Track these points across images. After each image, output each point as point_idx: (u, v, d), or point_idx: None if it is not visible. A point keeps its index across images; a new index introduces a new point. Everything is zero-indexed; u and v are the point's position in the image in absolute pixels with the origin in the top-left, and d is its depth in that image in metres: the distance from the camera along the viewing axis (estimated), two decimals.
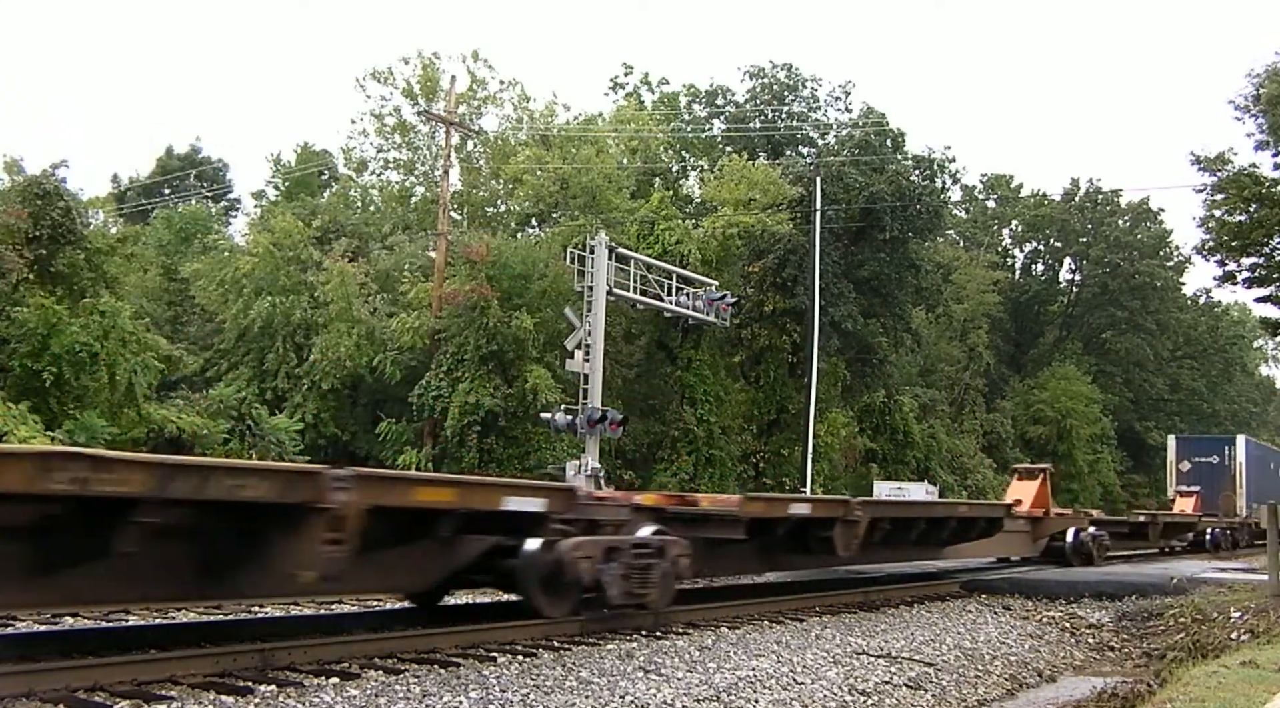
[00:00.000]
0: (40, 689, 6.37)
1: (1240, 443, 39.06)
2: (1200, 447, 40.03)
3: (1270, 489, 37.68)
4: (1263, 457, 42.37)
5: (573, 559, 9.39)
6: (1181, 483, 34.18)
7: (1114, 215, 59.76)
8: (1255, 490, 36.65)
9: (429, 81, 40.38)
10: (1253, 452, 39.75)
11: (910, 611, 14.08)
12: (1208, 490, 33.22)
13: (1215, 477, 36.62)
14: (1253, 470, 38.49)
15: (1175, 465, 38.71)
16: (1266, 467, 42.16)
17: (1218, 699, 7.79)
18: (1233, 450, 38.09)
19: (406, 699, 6.92)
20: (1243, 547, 30.32)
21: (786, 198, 35.06)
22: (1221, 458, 38.11)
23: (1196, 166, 27.87)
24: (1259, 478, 39.09)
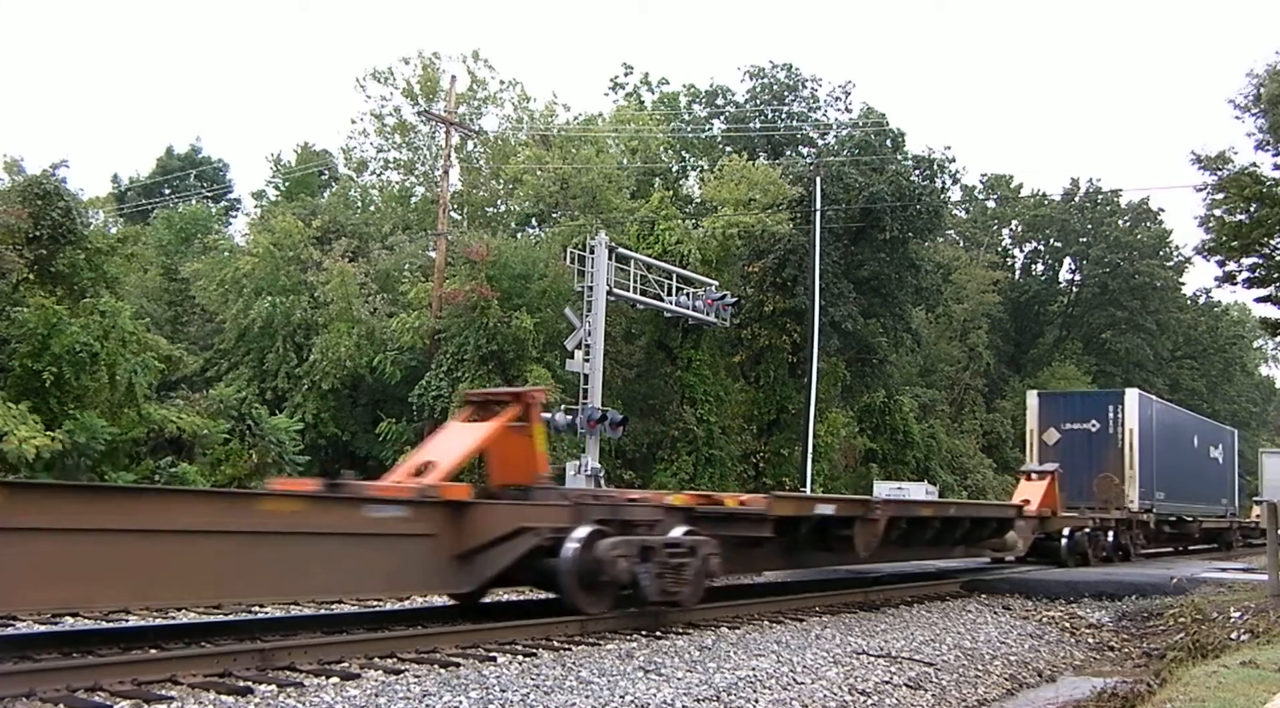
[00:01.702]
0: (40, 689, 6.37)
1: (1132, 402, 25.79)
2: (1073, 407, 26.88)
3: (1183, 470, 28.64)
4: (1172, 423, 28.96)
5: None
6: (1046, 460, 23.59)
7: (1114, 215, 59.76)
8: (1159, 471, 26.08)
9: (429, 81, 40.39)
10: (1154, 414, 26.98)
11: (910, 610, 14.09)
12: (1079, 471, 23.85)
13: (1095, 451, 25.35)
14: (1154, 442, 26.17)
15: (1037, 436, 26.21)
16: (1178, 437, 29.02)
17: (1217, 699, 7.79)
18: (1121, 412, 25.48)
19: (406, 699, 6.92)
20: (1136, 557, 23.69)
21: (786, 198, 35.05)
22: (1104, 424, 25.63)
23: (1197, 166, 27.85)
24: (1165, 453, 26.93)
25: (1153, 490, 25.76)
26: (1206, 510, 30.95)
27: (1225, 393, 68.68)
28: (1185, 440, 29.76)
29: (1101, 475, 24.58)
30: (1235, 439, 37.72)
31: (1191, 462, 30.09)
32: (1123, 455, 25.20)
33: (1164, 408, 29.40)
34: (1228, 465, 34.91)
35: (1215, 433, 34.86)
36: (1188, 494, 28.74)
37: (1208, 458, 32.26)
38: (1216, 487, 33.17)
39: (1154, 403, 27.76)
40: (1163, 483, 26.31)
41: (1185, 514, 28.69)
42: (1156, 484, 25.92)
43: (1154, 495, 25.70)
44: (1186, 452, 29.67)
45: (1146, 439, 25.67)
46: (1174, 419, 29.83)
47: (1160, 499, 26.01)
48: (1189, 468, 29.53)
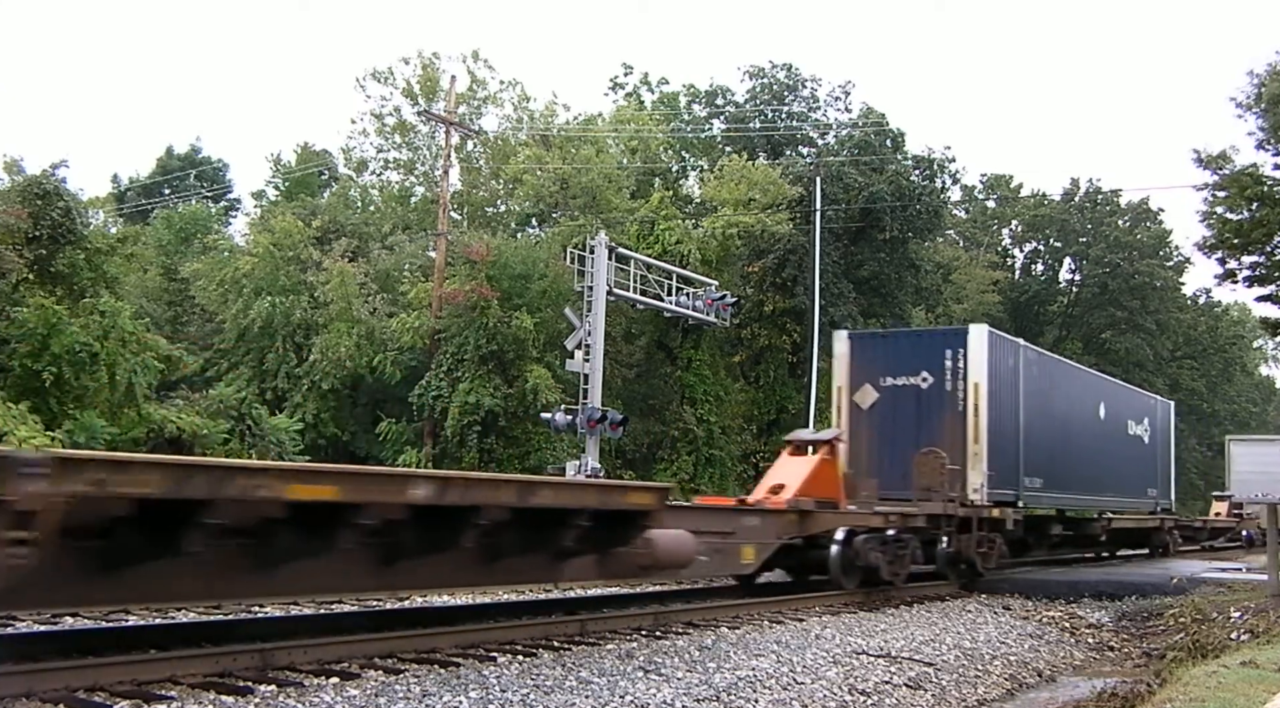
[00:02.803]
0: (40, 689, 6.36)
1: (979, 345, 17.64)
2: (897, 353, 18.73)
3: (1078, 449, 20.95)
4: (1055, 382, 20.67)
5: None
6: (858, 430, 17.87)
7: (1114, 215, 59.74)
8: (1029, 448, 18.66)
9: (429, 81, 40.39)
10: (1019, 366, 18.84)
11: (910, 610, 14.09)
12: (905, 445, 17.21)
13: (927, 417, 17.71)
14: (1018, 404, 18.57)
15: (847, 395, 18.45)
16: (1067, 402, 21.06)
17: (1217, 699, 7.79)
18: (962, 361, 17.59)
19: (406, 699, 6.92)
20: (989, 571, 17.23)
21: (786, 198, 35.06)
22: (938, 377, 17.81)
23: (1198, 164, 27.82)
24: (1041, 423, 19.31)
25: (1017, 475, 18.10)
26: (1121, 505, 23.89)
27: (1225, 393, 68.65)
28: (1081, 408, 21.57)
29: (923, 452, 16.46)
30: (1170, 414, 29.40)
31: (1093, 439, 21.84)
32: (964, 423, 16.93)
33: (1039, 359, 20.24)
34: (1158, 447, 26.89)
35: (1136, 403, 26.28)
36: (1086, 482, 21.04)
37: (1124, 435, 24.15)
38: (1138, 474, 25.19)
39: (1020, 350, 18.94)
40: (1037, 465, 18.76)
41: (1081, 510, 22.18)
42: (1026, 467, 18.36)
43: (1020, 482, 18.17)
44: (1083, 424, 21.44)
45: (1004, 399, 17.83)
46: (1058, 376, 20.88)
47: (1033, 488, 18.73)
48: (1088, 447, 21.38)
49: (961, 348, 17.54)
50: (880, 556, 14.22)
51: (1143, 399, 27.68)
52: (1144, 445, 25.86)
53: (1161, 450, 27.52)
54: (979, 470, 17.05)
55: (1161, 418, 27.98)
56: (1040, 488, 19.21)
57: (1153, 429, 26.62)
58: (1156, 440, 26.89)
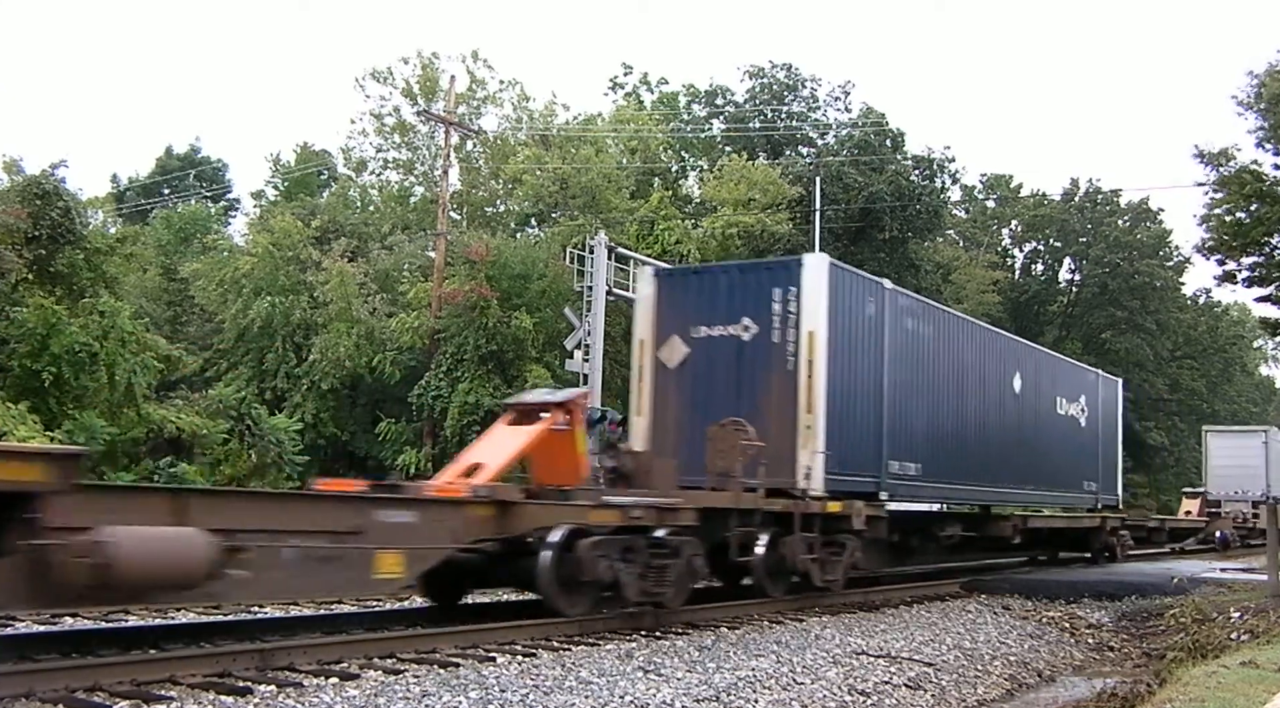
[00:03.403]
0: (40, 689, 6.37)
1: (816, 281, 13.64)
2: (713, 295, 14.60)
3: (976, 428, 17.42)
4: (939, 336, 16.60)
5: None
6: (665, 393, 14.48)
7: (1114, 215, 59.73)
8: (893, 420, 15.02)
9: (428, 81, 40.38)
10: (881, 312, 14.96)
11: (910, 611, 14.09)
12: (713, 410, 13.23)
13: (749, 377, 13.94)
14: (880, 362, 14.91)
15: (650, 351, 14.71)
16: (958, 366, 17.09)
17: (1217, 699, 7.79)
18: (794, 303, 13.63)
19: (406, 699, 6.92)
20: (836, 585, 13.44)
21: (786, 198, 35.06)
22: (764, 326, 13.86)
23: (1200, 161, 27.80)
24: (918, 387, 15.78)
25: (877, 459, 14.25)
26: (1044, 500, 20.71)
27: (1225, 393, 68.65)
28: (985, 378, 17.50)
29: (720, 423, 12.43)
30: (1118, 393, 25.18)
31: (1003, 417, 18.13)
32: (794, 386, 13.07)
33: (918, 308, 16.07)
34: (1100, 432, 22.79)
35: (1069, 377, 21.68)
36: (989, 471, 17.38)
37: (1051, 416, 20.19)
38: (1071, 463, 21.04)
39: (885, 294, 14.71)
40: (911, 447, 15.01)
41: (983, 506, 18.79)
42: (893, 448, 14.52)
43: (882, 468, 14.32)
44: (988, 398, 17.51)
45: (857, 357, 13.89)
46: (951, 335, 16.57)
47: (905, 476, 14.89)
48: (996, 428, 17.80)
49: (793, 286, 13.25)
50: (622, 567, 10.05)
51: (1079, 374, 22.90)
52: (1080, 429, 21.59)
53: (1105, 436, 23.07)
54: (812, 450, 12.77)
55: (1106, 398, 23.56)
56: (917, 477, 15.16)
57: (1092, 410, 22.28)
58: (1098, 424, 22.61)
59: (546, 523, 9.84)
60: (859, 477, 14.11)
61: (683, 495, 11.47)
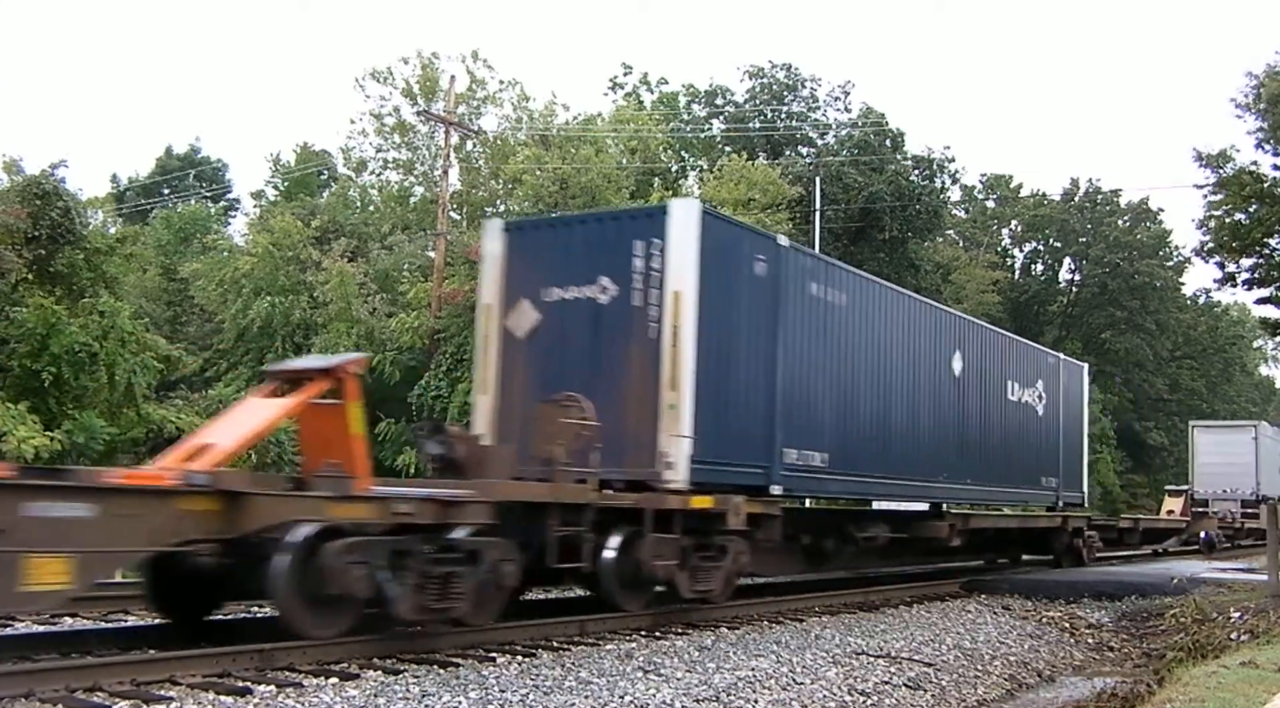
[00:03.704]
0: (40, 690, 6.37)
1: (684, 231, 11.27)
2: (567, 252, 12.23)
3: (906, 413, 15.28)
4: (830, 294, 13.67)
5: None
6: (513, 369, 12.22)
7: (1113, 215, 59.76)
8: (789, 396, 12.69)
9: (428, 81, 40.38)
10: (778, 270, 12.56)
11: (910, 611, 14.09)
12: (566, 387, 11.22)
13: (609, 348, 11.60)
14: (759, 322, 12.37)
15: (498, 318, 12.32)
16: (839, 319, 13.83)
17: (1217, 699, 7.79)
18: (657, 257, 11.32)
19: (406, 699, 6.92)
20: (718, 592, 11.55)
21: (786, 198, 35.06)
22: (624, 286, 11.59)
23: (1199, 163, 27.83)
24: (807, 353, 13.18)
25: (768, 446, 12.16)
26: (990, 497, 18.37)
27: (1225, 393, 68.70)
28: (915, 356, 15.40)
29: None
30: (1084, 379, 22.65)
31: (937, 402, 15.97)
32: (656, 357, 11.13)
33: (821, 269, 13.69)
34: (1061, 422, 20.51)
35: (1023, 360, 19.30)
36: (918, 463, 15.39)
37: (1000, 402, 18.07)
38: (1025, 457, 18.94)
39: (781, 252, 12.59)
40: (813, 432, 12.88)
41: (911, 501, 17.12)
42: (789, 433, 12.39)
43: (775, 457, 12.19)
44: (918, 380, 15.45)
45: (738, 323, 11.94)
46: (870, 305, 14.38)
47: (806, 468, 12.74)
48: (928, 413, 15.68)
49: (657, 238, 11.17)
50: (389, 577, 8.09)
51: (1035, 357, 20.33)
52: (1037, 419, 19.42)
53: (1068, 427, 20.74)
54: (674, 434, 10.68)
55: (1069, 384, 21.12)
56: (823, 469, 13.00)
57: (1052, 398, 20.09)
58: (1059, 414, 20.33)
59: (281, 520, 7.83)
60: (741, 467, 11.80)
61: (480, 486, 9.27)
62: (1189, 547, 28.64)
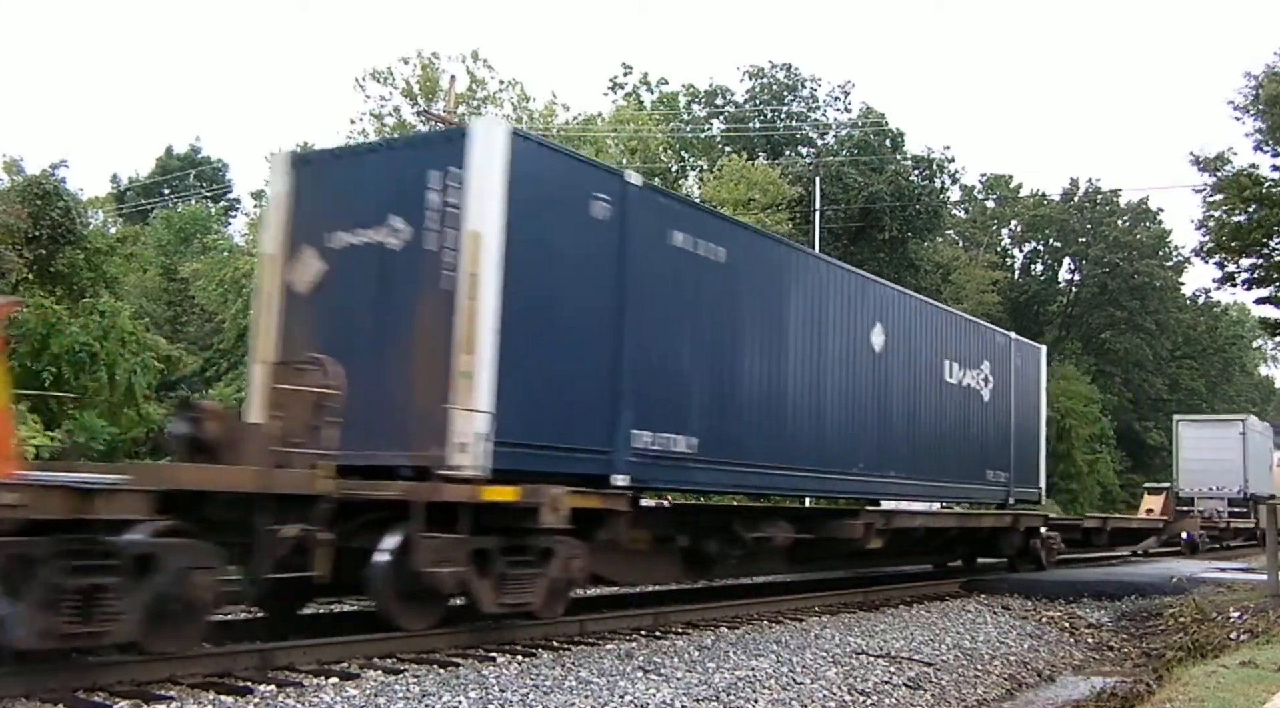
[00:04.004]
0: (40, 689, 6.37)
1: (487, 152, 8.98)
2: (361, 184, 10.04)
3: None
4: (703, 243, 11.27)
5: None
6: (296, 335, 9.75)
7: (1113, 215, 59.79)
8: (613, 350, 10.17)
9: (428, 81, 40.38)
10: (606, 204, 10.06)
11: (910, 610, 14.09)
12: (353, 350, 8.98)
13: (393, 296, 9.47)
14: (598, 271, 10.10)
15: (279, 273, 10.00)
16: (722, 275, 11.58)
17: (1217, 699, 7.79)
18: (455, 192, 9.09)
19: (406, 699, 6.93)
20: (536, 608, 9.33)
21: (786, 198, 35.08)
22: (415, 227, 9.36)
23: (1196, 167, 27.87)
24: (670, 311, 10.91)
25: (610, 424, 10.11)
26: (923, 491, 16.25)
27: (1225, 393, 68.73)
28: (817, 323, 13.21)
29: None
30: (1041, 362, 20.26)
31: (852, 381, 13.82)
32: (450, 312, 9.02)
33: (690, 216, 11.73)
34: (1013, 409, 18.36)
35: (964, 337, 17.11)
36: (825, 451, 13.27)
37: (936, 384, 15.93)
38: (967, 447, 16.91)
39: (626, 189, 10.43)
40: (674, 411, 10.85)
41: (814, 497, 15.63)
42: (639, 411, 10.34)
43: (619, 440, 10.12)
44: (825, 353, 13.30)
45: (557, 271, 9.76)
46: (748, 255, 12.15)
47: (677, 454, 10.76)
48: (841, 393, 13.57)
49: (456, 167, 9.06)
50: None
51: (980, 334, 17.86)
52: (982, 405, 17.29)
53: (1021, 415, 18.61)
54: (470, 407, 8.63)
55: (1024, 368, 18.92)
56: (690, 456, 10.81)
57: (1002, 382, 17.93)
58: (1010, 400, 18.20)
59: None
60: (569, 452, 9.56)
61: (144, 471, 7.60)
62: (1170, 548, 27.05)
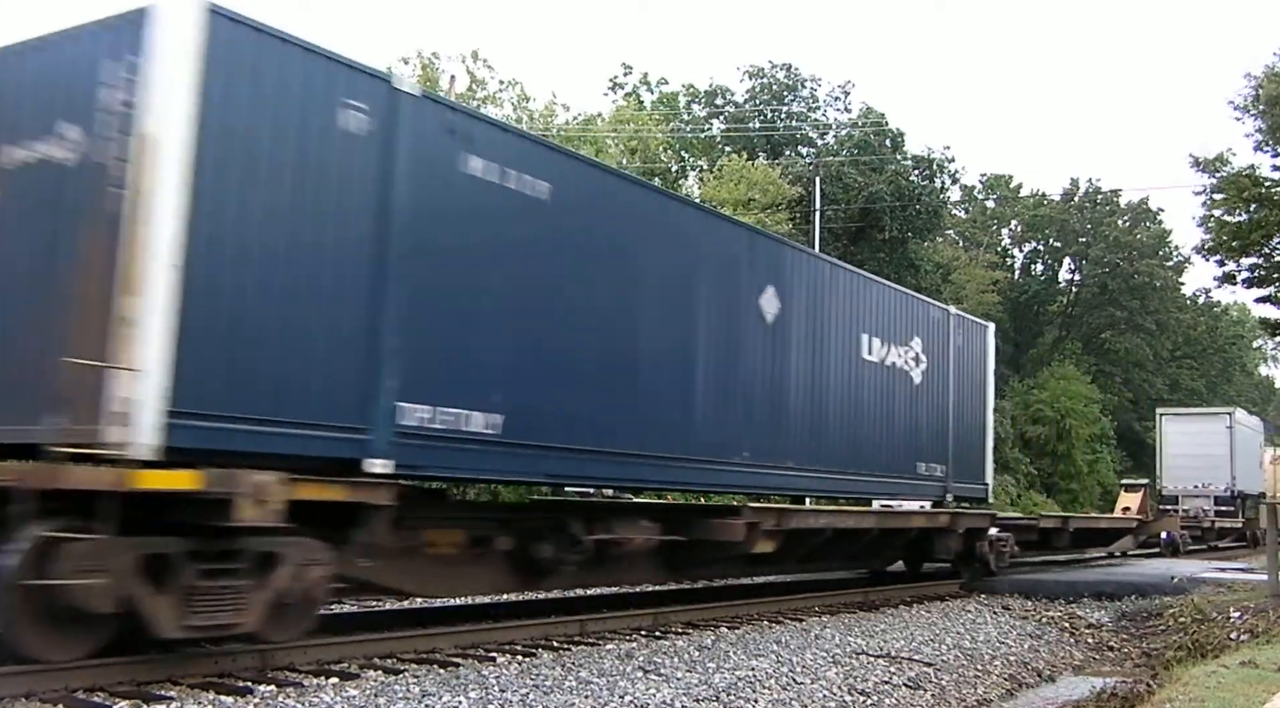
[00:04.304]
0: (40, 690, 6.37)
1: (176, 30, 6.77)
2: (21, 86, 7.82)
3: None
4: (457, 152, 8.61)
5: None
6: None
7: (1113, 215, 59.80)
8: (357, 293, 7.83)
9: (429, 81, 40.35)
10: (368, 114, 7.86)
11: (910, 611, 14.09)
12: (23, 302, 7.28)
13: (62, 221, 7.19)
14: (334, 190, 7.67)
15: None
16: (498, 197, 8.90)
17: (1217, 699, 7.79)
18: (132, 86, 6.84)
19: (406, 699, 6.92)
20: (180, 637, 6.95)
21: (786, 198, 35.06)
22: (92, 135, 7.11)
23: (1196, 168, 27.88)
24: (438, 246, 8.45)
25: (364, 395, 7.85)
26: (830, 486, 13.74)
27: (1225, 393, 68.70)
28: (684, 282, 11.18)
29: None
30: (987, 341, 17.65)
31: (735, 352, 11.75)
32: (113, 242, 6.69)
33: (495, 139, 9.17)
34: (950, 394, 16.08)
35: (885, 308, 14.74)
36: (701, 437, 11.16)
37: (853, 361, 13.78)
38: (891, 436, 14.64)
39: (393, 95, 8.11)
40: (468, 380, 8.66)
41: (696, 491, 14.46)
42: (409, 377, 8.14)
43: (376, 414, 7.87)
44: (690, 316, 11.17)
45: (277, 191, 7.35)
46: (582, 194, 9.96)
47: (471, 435, 8.56)
48: (714, 366, 11.40)
49: (134, 56, 7.02)
50: None
51: (912, 306, 15.46)
52: (911, 387, 14.98)
53: (961, 401, 16.31)
54: (132, 364, 6.57)
55: (965, 347, 16.47)
56: (490, 437, 8.72)
57: (937, 362, 15.58)
58: (947, 383, 15.93)
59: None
60: (297, 428, 7.43)
61: None
62: (1149, 549, 25.19)
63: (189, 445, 6.74)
